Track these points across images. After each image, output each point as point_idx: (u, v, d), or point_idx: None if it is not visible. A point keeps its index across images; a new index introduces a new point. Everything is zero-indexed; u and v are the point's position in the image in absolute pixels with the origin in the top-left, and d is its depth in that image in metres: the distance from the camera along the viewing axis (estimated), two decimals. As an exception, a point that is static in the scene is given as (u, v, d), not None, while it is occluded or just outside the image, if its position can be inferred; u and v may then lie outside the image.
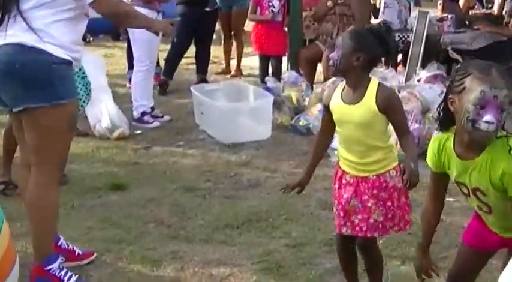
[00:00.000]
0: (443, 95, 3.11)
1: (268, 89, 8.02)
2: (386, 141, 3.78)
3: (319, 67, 9.15)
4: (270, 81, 8.33)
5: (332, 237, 4.94)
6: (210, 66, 10.45)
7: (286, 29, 9.50)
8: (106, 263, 4.62)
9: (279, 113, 7.87)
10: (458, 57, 8.05)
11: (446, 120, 3.09)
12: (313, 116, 7.67)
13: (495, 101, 2.79)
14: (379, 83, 3.72)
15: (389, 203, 3.78)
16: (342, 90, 3.76)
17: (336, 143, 6.87)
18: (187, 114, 8.27)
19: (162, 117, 8.14)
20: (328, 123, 3.88)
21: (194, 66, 10.34)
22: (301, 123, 7.67)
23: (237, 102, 7.82)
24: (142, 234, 5.08)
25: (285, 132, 7.70)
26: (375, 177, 3.75)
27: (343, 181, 3.85)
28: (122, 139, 7.46)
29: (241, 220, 5.31)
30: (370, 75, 3.74)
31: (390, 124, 3.73)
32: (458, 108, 2.91)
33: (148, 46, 7.75)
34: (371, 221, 3.79)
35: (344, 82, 3.75)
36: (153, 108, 8.07)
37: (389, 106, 3.65)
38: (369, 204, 3.75)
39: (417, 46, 8.01)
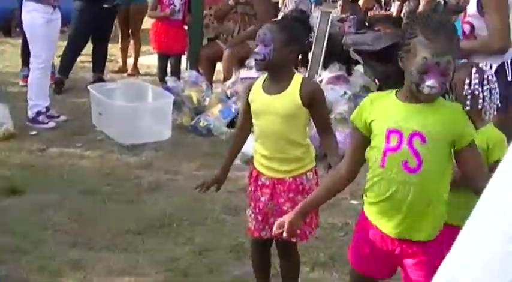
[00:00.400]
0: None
1: (168, 89, 7.85)
2: (305, 138, 3.69)
3: (219, 66, 9.04)
4: (170, 80, 8.16)
5: (238, 242, 4.87)
6: (106, 64, 10.17)
7: (186, 27, 9.32)
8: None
9: (179, 114, 7.71)
10: (359, 59, 8.09)
11: (398, 74, 2.99)
12: (213, 117, 7.56)
13: (437, 67, 2.77)
14: (303, 76, 3.65)
15: None
16: (264, 82, 3.65)
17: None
18: (83, 114, 7.99)
19: (58, 117, 7.82)
20: (246, 117, 3.75)
21: (90, 64, 10.03)
22: (201, 124, 7.54)
23: (136, 102, 7.61)
24: (39, 241, 4.83)
25: (185, 133, 7.55)
26: (291, 179, 3.65)
27: (259, 182, 3.74)
28: (12, 139, 7.11)
29: (143, 225, 5.14)
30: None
31: (312, 120, 3.65)
32: (406, 67, 2.88)
33: (46, 42, 7.44)
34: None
35: (265, 75, 3.65)
36: (48, 108, 7.74)
37: (314, 99, 3.55)
38: (285, 208, 3.64)
39: (319, 46, 8.01)
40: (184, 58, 9.44)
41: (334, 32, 8.50)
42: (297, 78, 3.59)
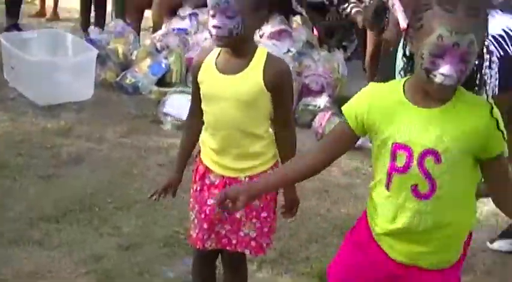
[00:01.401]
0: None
1: (90, 41, 7.01)
2: (267, 129, 2.96)
3: (147, 14, 8.21)
4: (94, 31, 7.31)
5: (173, 234, 4.23)
6: (22, 7, 9.14)
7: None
8: None
9: (102, 69, 6.88)
10: (303, 11, 7.40)
11: (408, 59, 2.32)
12: (141, 73, 6.80)
13: (455, 49, 2.09)
14: (268, 52, 2.86)
15: (264, 214, 3.00)
16: (217, 58, 2.87)
17: (168, 107, 6.20)
18: (-6, 67, 7.08)
19: (-37, 70, 6.92)
20: (198, 102, 2.96)
21: (3, 7, 8.99)
22: (128, 80, 6.77)
23: (54, 56, 6.76)
24: None
25: (110, 91, 6.76)
26: (247, 179, 2.93)
27: (206, 181, 3.00)
28: None
29: (61, 210, 4.41)
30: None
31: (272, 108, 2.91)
32: (415, 49, 2.21)
33: None
34: (241, 234, 3.01)
35: (220, 49, 2.86)
36: (-48, 60, 6.83)
37: (280, 84, 2.83)
38: (238, 216, 2.96)
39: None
40: (109, 5, 8.53)
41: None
42: (261, 53, 2.82)
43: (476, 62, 2.21)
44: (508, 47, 3.71)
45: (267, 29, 6.82)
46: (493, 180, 2.33)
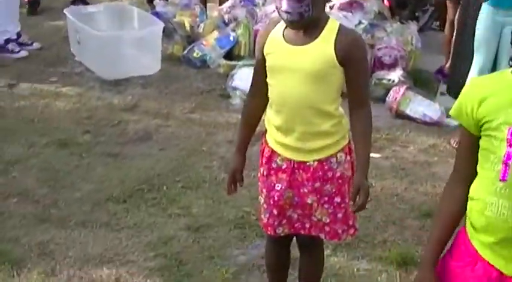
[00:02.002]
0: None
1: (156, 14, 6.87)
2: (337, 107, 2.75)
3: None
4: (159, 4, 7.16)
5: (243, 214, 4.07)
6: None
7: None
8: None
9: (169, 42, 6.74)
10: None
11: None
12: (209, 46, 6.63)
13: None
14: (340, 24, 2.65)
15: (337, 199, 2.81)
16: (285, 28, 2.67)
17: (236, 81, 6.03)
18: (61, 41, 6.98)
19: (31, 44, 6.87)
20: (261, 77, 2.76)
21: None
22: (195, 54, 6.62)
23: (120, 30, 6.64)
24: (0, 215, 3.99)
25: (177, 65, 6.60)
26: (316, 163, 2.74)
27: (273, 165, 2.81)
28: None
29: (128, 190, 4.29)
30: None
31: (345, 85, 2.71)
32: None
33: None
34: (314, 219, 2.84)
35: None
36: (19, 34, 6.76)
37: (353, 56, 2.61)
38: (309, 201, 2.79)
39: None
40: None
41: None
42: (332, 24, 2.62)
43: None
44: None
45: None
46: None
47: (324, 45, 2.60)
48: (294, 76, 2.65)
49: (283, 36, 2.67)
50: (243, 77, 5.93)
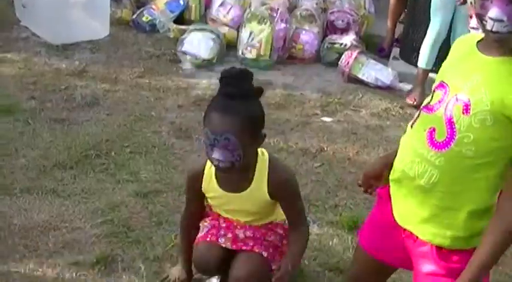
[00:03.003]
0: None
1: (105, -23, 6.68)
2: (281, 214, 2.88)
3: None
4: (107, -33, 6.95)
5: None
6: None
7: None
8: None
9: (118, 6, 6.58)
10: None
11: None
12: (159, 10, 6.50)
13: None
14: (269, 159, 2.72)
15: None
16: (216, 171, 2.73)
17: (186, 45, 5.91)
18: (6, 6, 6.75)
19: (-27, 8, 6.64)
20: (195, 203, 2.95)
21: None
22: (144, 18, 6.48)
23: (67, -7, 6.45)
24: None
25: (126, 30, 6.46)
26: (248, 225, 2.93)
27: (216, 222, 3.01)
28: None
29: (75, 156, 4.17)
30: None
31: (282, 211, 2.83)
32: None
33: None
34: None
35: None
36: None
37: (285, 194, 2.75)
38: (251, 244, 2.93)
39: None
40: None
41: None
42: (262, 163, 2.70)
43: None
44: None
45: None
46: None
47: (257, 192, 2.70)
48: (234, 213, 2.84)
49: (217, 180, 2.73)
50: (193, 42, 5.83)
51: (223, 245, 2.87)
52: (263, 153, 2.72)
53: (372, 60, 5.77)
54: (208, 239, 2.89)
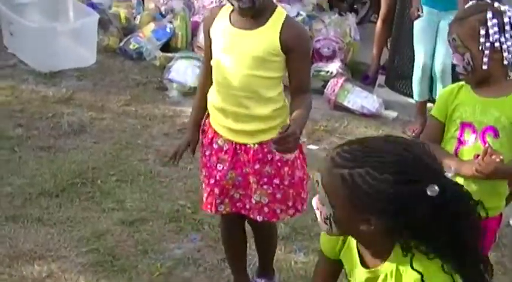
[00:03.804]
0: None
1: (92, 5, 6.71)
2: (279, 94, 2.81)
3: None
4: (95, -6, 6.99)
5: (179, 208, 4.01)
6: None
7: None
8: None
9: (105, 34, 6.61)
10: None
11: None
12: (145, 38, 6.52)
13: None
14: (287, 14, 2.74)
15: (276, 181, 2.85)
16: (231, 12, 2.74)
17: (173, 73, 5.93)
18: (-7, 33, 6.80)
19: (-39, 35, 6.65)
20: (209, 56, 2.86)
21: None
22: (131, 46, 6.49)
23: (54, 21, 6.46)
24: None
25: (113, 57, 6.48)
26: (256, 146, 2.80)
27: (215, 145, 2.86)
28: None
29: (61, 184, 4.18)
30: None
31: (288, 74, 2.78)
32: None
33: None
34: (253, 201, 2.88)
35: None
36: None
37: (296, 47, 2.69)
38: (251, 181, 2.84)
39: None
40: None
41: None
42: (279, 13, 2.71)
43: None
44: None
45: (276, -10, 6.52)
46: None
47: (269, 33, 2.67)
48: (236, 58, 2.73)
49: (230, 20, 2.73)
50: (179, 70, 5.86)
51: (224, 212, 2.94)
52: (281, 10, 2.73)
53: (357, 87, 5.81)
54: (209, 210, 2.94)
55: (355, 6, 7.84)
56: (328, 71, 6.00)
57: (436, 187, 1.61)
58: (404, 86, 5.88)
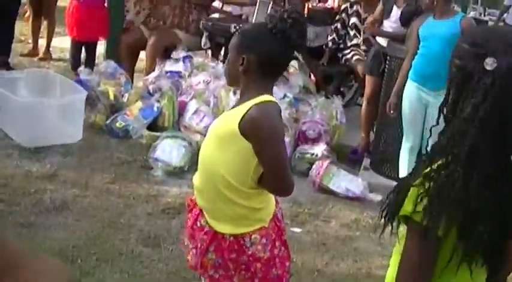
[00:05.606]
0: None
1: (80, 82, 6.75)
2: (249, 197, 2.70)
3: (142, 55, 8.00)
4: (84, 72, 7.03)
5: (161, 289, 3.92)
6: (15, 45, 8.90)
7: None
8: None
9: (92, 111, 6.64)
10: (299, 56, 7.19)
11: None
12: (132, 116, 6.55)
13: None
14: (264, 101, 2.59)
15: (252, 269, 2.77)
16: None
17: (158, 152, 5.92)
18: (-20, 107, 6.80)
19: None
20: None
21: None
22: (118, 124, 6.51)
23: (42, 97, 6.49)
24: None
25: (99, 135, 6.50)
26: (232, 238, 2.73)
27: (198, 224, 2.80)
28: None
29: (40, 263, 4.09)
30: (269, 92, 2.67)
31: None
32: None
33: None
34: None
35: None
36: None
37: (251, 133, 2.57)
38: (230, 266, 2.77)
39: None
40: (101, 45, 8.27)
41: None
42: (258, 98, 2.60)
43: None
44: None
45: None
46: None
47: (234, 115, 2.62)
48: (209, 136, 2.75)
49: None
50: (165, 149, 5.86)
51: None
52: (265, 97, 2.61)
53: (342, 170, 5.82)
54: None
55: (341, 89, 7.93)
56: (313, 154, 6.02)
57: None
58: (389, 169, 5.91)
